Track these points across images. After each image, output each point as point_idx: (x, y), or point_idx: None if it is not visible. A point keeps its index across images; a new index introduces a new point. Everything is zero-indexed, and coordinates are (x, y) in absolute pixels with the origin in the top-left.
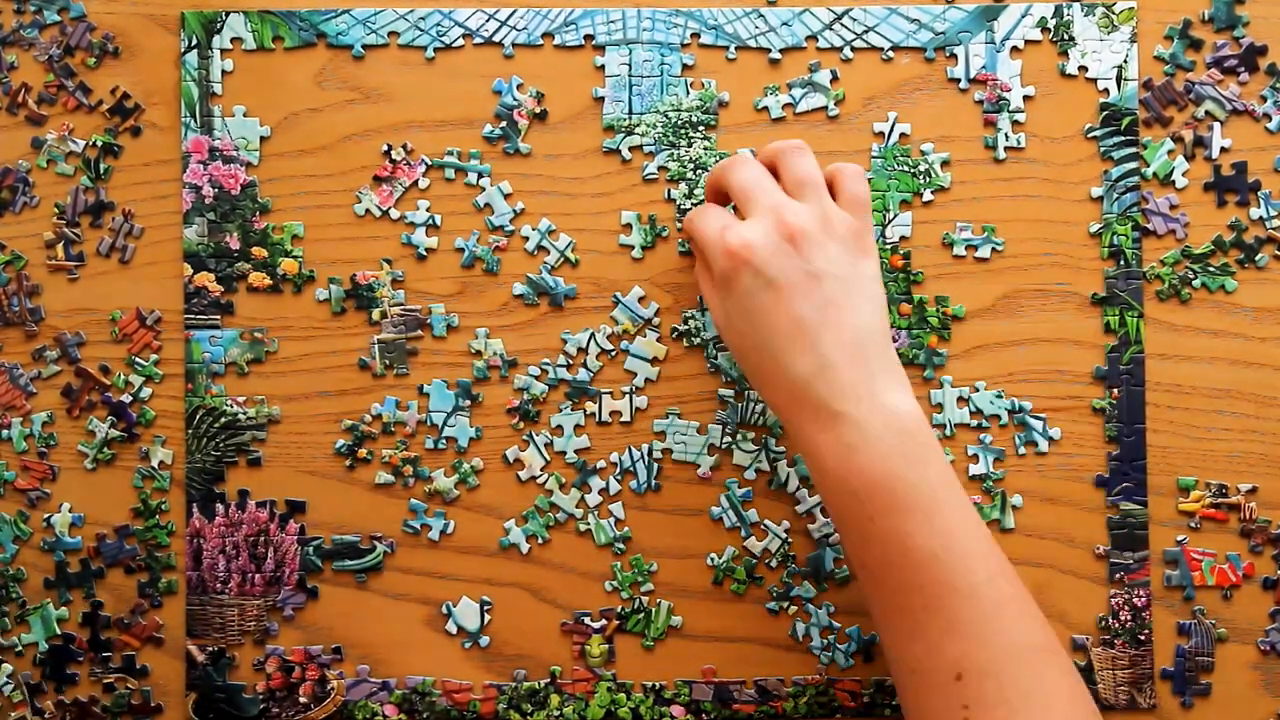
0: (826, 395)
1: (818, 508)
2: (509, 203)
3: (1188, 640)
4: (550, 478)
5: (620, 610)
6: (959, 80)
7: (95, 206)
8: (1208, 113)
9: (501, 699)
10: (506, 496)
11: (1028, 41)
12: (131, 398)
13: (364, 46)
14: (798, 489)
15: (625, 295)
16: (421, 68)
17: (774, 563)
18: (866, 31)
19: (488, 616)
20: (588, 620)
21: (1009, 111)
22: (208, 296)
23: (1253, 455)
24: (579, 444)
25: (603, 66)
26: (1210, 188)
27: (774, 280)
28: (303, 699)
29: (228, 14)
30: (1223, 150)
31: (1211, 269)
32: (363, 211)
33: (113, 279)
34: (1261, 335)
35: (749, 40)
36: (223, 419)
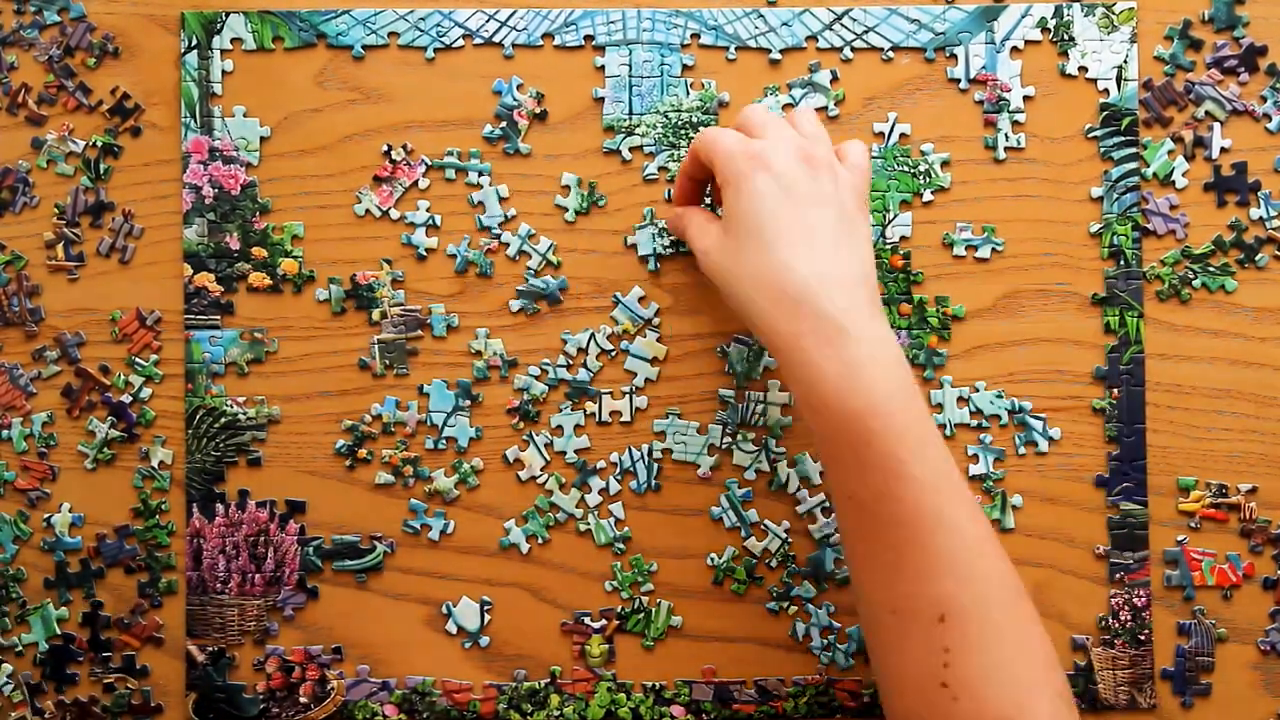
0: (830, 308)
1: (818, 508)
2: (503, 206)
3: (1188, 640)
4: (550, 478)
5: (620, 610)
6: (959, 80)
7: (95, 206)
8: (1208, 113)
9: (501, 699)
10: (506, 496)
11: (1028, 42)
12: (131, 398)
13: (364, 47)
14: (798, 489)
15: (625, 295)
16: (421, 68)
17: (774, 563)
18: (866, 32)
19: (488, 616)
20: (588, 620)
21: (1009, 111)
22: (208, 296)
23: (1253, 455)
24: (579, 444)
25: (603, 67)
26: (1210, 188)
27: (791, 187)
28: (303, 699)
29: (228, 14)
30: (1223, 150)
31: (1211, 269)
32: (363, 211)
33: (113, 279)
34: (1261, 335)
35: (749, 40)
36: (223, 419)
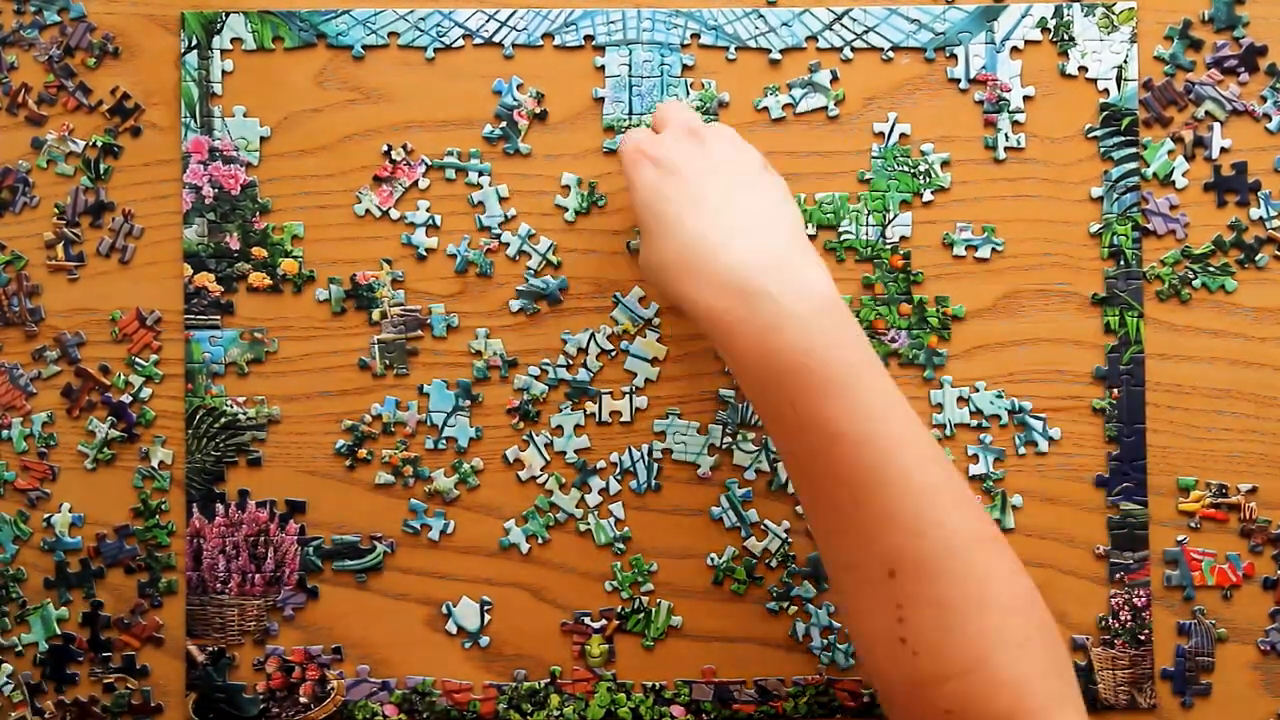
0: (743, 272)
1: None
2: (503, 207)
3: (1188, 640)
4: (550, 478)
5: (620, 610)
6: (959, 80)
7: (95, 206)
8: (1208, 113)
9: (501, 699)
10: (506, 496)
11: (1028, 42)
12: (131, 398)
13: (364, 47)
14: None
15: (625, 295)
16: (421, 68)
17: (774, 563)
18: (866, 32)
19: (488, 616)
20: (588, 620)
21: (1009, 111)
22: (208, 296)
23: (1253, 455)
24: (579, 444)
25: (603, 67)
26: (1210, 188)
27: (676, 168)
28: (303, 699)
29: (228, 14)
30: (1223, 150)
31: (1211, 269)
32: (363, 211)
33: (113, 279)
34: (1261, 335)
35: (749, 40)
36: (223, 419)
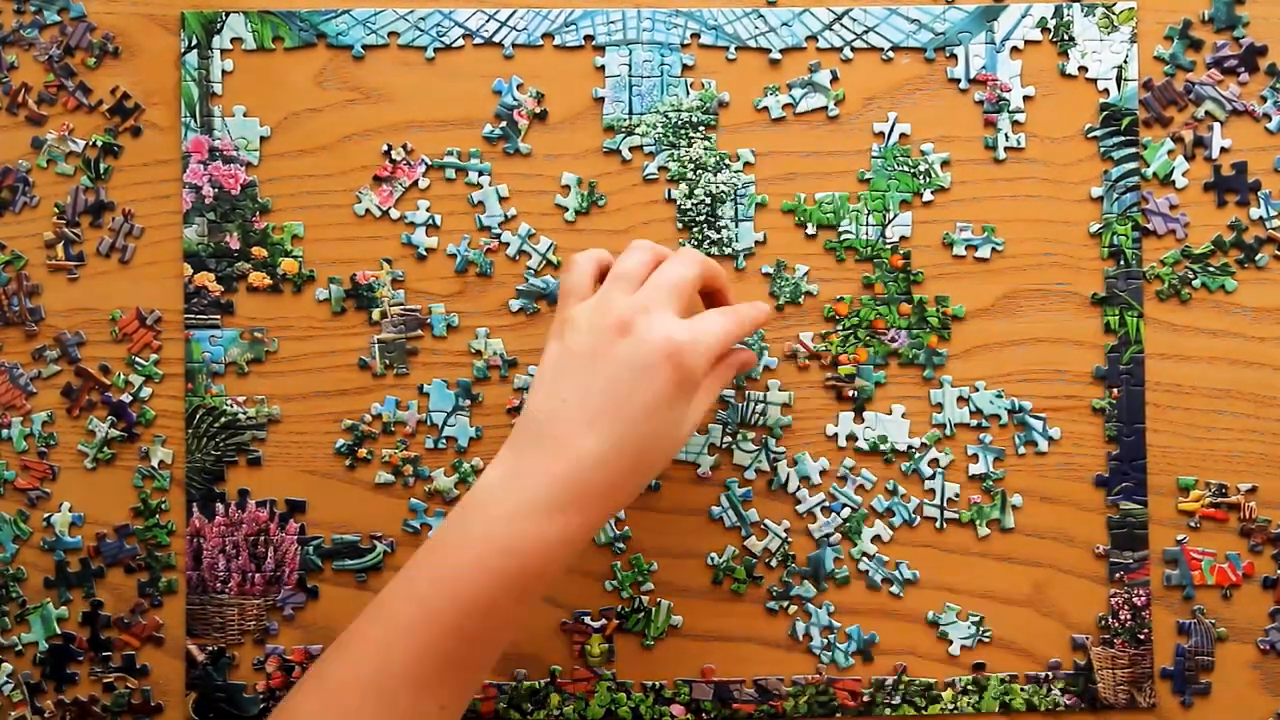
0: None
1: (818, 507)
2: (503, 206)
3: (1188, 640)
4: None
5: (620, 609)
6: (959, 80)
7: (95, 206)
8: (1208, 113)
9: (501, 698)
10: None
11: (1028, 42)
12: (131, 397)
13: (364, 47)
14: (798, 489)
15: None
16: (421, 68)
17: (774, 562)
18: (866, 32)
19: None
20: (587, 620)
21: (1009, 111)
22: (208, 296)
23: (1253, 455)
24: None
25: (603, 67)
26: (1210, 188)
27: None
28: None
29: (228, 14)
30: (1223, 150)
31: (1211, 269)
32: (363, 211)
33: (113, 279)
34: (1261, 335)
35: (749, 40)
36: (223, 419)
